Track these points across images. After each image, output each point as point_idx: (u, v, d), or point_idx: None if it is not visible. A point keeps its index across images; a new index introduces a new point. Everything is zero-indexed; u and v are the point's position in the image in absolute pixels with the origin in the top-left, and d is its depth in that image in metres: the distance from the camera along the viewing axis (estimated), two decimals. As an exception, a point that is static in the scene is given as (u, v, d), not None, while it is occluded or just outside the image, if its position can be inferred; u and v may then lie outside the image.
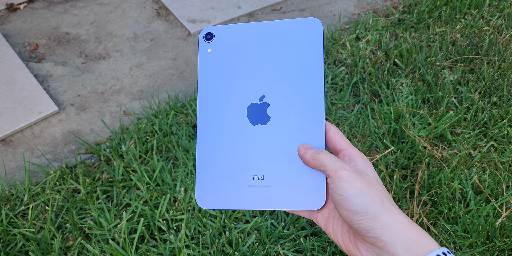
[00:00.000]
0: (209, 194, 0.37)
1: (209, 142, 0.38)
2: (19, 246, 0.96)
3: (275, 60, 0.38)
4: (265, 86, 0.38)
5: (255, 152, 0.37)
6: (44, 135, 1.27)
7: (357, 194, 0.31)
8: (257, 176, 0.37)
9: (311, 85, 0.37)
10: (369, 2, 1.75)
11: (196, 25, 1.62)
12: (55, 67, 1.47)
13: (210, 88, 0.39)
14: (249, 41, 0.39)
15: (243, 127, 0.38)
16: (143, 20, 1.66)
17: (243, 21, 1.66)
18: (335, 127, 0.37)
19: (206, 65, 0.39)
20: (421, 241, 0.30)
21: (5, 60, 1.45)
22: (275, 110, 0.37)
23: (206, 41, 0.40)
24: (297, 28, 0.38)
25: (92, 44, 1.56)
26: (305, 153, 0.35)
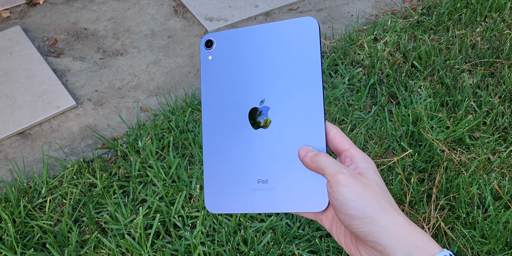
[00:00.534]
0: (217, 199, 0.39)
1: (214, 148, 0.39)
2: (36, 238, 0.97)
3: (273, 63, 0.39)
4: (264, 89, 0.39)
5: (258, 156, 0.38)
6: (61, 129, 1.29)
7: (353, 199, 0.30)
8: (261, 179, 0.37)
9: (310, 86, 0.37)
10: (387, 3, 1.73)
11: (213, 23, 1.63)
12: (73, 62, 1.48)
13: (213, 94, 0.40)
14: (248, 45, 0.40)
15: (245, 131, 0.39)
16: (161, 17, 1.67)
17: (260, 20, 1.66)
18: (336, 127, 0.36)
19: (208, 72, 0.41)
20: (421, 245, 0.29)
21: (24, 54, 1.47)
22: (275, 113, 0.38)
23: (207, 48, 0.41)
24: (294, 29, 0.38)
25: (110, 40, 1.58)
26: (305, 156, 0.35)
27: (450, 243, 0.95)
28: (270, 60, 0.39)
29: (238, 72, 0.40)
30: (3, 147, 1.24)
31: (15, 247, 0.94)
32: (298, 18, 0.39)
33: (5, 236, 0.96)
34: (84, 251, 0.95)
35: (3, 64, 1.43)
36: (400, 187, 1.05)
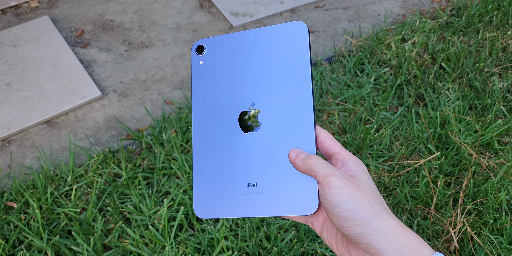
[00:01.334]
0: (206, 203, 0.38)
1: (203, 152, 0.39)
2: (62, 225, 0.98)
3: (263, 67, 0.39)
4: (255, 93, 0.39)
5: (247, 159, 0.38)
6: (87, 119, 1.30)
7: (346, 201, 0.30)
8: (251, 183, 0.37)
9: (299, 90, 0.37)
10: (415, 3, 1.70)
11: (238, 19, 1.62)
12: (99, 53, 1.50)
13: (204, 99, 0.40)
14: (239, 50, 0.40)
15: (235, 135, 0.38)
16: (186, 11, 1.67)
17: (285, 17, 1.65)
18: (326, 131, 0.36)
19: (199, 77, 0.41)
20: (414, 247, 0.29)
21: (52, 44, 1.49)
22: (265, 117, 0.38)
23: (198, 54, 0.42)
24: (284, 33, 0.39)
25: (136, 33, 1.58)
26: (296, 158, 0.34)
27: (476, 249, 0.94)
28: (261, 65, 0.39)
29: (229, 76, 0.40)
30: (30, 134, 1.26)
31: (42, 233, 0.95)
32: (288, 23, 0.39)
33: (32, 222, 0.97)
34: (108, 240, 0.96)
35: (32, 53, 1.45)
36: (426, 190, 1.04)
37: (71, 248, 0.96)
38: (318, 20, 1.63)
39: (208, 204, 0.38)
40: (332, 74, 1.36)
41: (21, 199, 1.03)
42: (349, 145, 1.13)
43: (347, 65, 1.37)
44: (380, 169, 1.10)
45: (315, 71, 1.35)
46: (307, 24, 1.62)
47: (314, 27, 1.61)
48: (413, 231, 0.31)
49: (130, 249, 0.94)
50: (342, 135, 1.18)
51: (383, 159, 1.11)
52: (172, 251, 0.92)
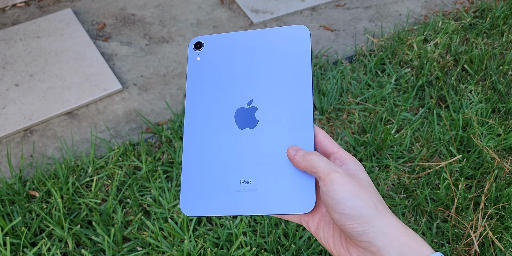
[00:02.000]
0: (195, 200, 0.36)
1: (195, 147, 0.37)
2: (82, 215, 0.99)
3: (263, 67, 0.38)
4: (253, 91, 0.38)
5: (242, 155, 0.36)
6: (107, 111, 1.31)
7: (349, 197, 0.30)
8: (245, 180, 0.35)
9: (299, 89, 0.37)
10: (437, 4, 1.68)
11: (259, 15, 1.62)
12: (120, 46, 1.51)
13: (198, 94, 0.39)
14: (238, 49, 0.39)
15: (230, 131, 0.37)
16: (207, 7, 1.67)
17: (305, 14, 1.64)
18: (324, 131, 0.36)
19: (195, 72, 0.39)
20: (415, 246, 0.29)
21: (75, 36, 1.50)
22: (263, 114, 0.37)
23: (196, 49, 0.40)
24: (285, 36, 0.39)
25: (156, 27, 1.59)
26: (295, 154, 0.34)
27: (497, 253, 0.92)
28: (260, 64, 0.38)
29: (226, 74, 0.39)
30: (52, 125, 1.27)
31: (63, 222, 0.96)
32: (290, 26, 0.39)
33: (54, 211, 0.99)
34: (128, 231, 0.97)
35: (54, 45, 1.47)
36: (447, 192, 1.03)
37: (91, 238, 0.97)
38: (338, 19, 1.62)
39: (197, 201, 0.36)
40: (352, 73, 1.35)
41: (43, 188, 1.05)
42: (369, 145, 1.12)
43: (368, 65, 1.36)
44: (400, 170, 1.09)
45: (335, 70, 1.34)
46: (328, 22, 1.61)
47: (335, 25, 1.60)
48: (413, 231, 0.30)
49: (149, 241, 0.94)
50: (362, 135, 1.17)
51: (403, 160, 1.11)
52: (190, 244, 0.92)
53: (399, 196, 1.04)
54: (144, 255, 0.94)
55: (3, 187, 1.04)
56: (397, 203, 1.02)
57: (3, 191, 1.03)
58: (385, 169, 1.09)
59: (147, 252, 0.94)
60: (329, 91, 1.27)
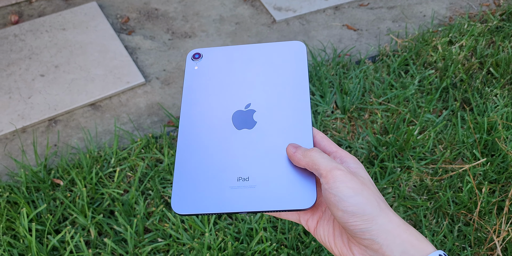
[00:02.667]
0: (187, 198, 0.34)
1: (189, 145, 0.37)
2: (105, 204, 1.01)
3: (261, 74, 0.39)
4: (251, 95, 0.38)
5: (239, 153, 0.36)
6: (129, 104, 1.33)
7: (352, 195, 0.30)
8: (242, 177, 0.35)
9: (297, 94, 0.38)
10: (463, 6, 1.66)
11: (281, 13, 1.62)
12: (143, 40, 1.52)
13: (195, 97, 0.39)
14: (236, 59, 0.40)
15: (227, 130, 0.37)
16: (230, 4, 1.68)
17: (328, 13, 1.63)
18: (321, 132, 0.36)
19: (192, 79, 0.40)
20: (417, 244, 0.29)
21: (99, 29, 1.52)
22: (261, 115, 0.37)
23: (194, 60, 0.41)
24: (282, 50, 0.40)
25: (179, 22, 1.60)
26: (296, 152, 0.33)
27: None
28: (258, 73, 0.39)
29: (224, 81, 0.39)
30: (76, 116, 1.29)
31: (86, 211, 0.98)
32: (287, 41, 0.41)
33: (78, 200, 1.00)
34: (149, 222, 0.98)
35: (79, 37, 1.49)
36: (470, 196, 1.01)
37: (113, 228, 0.98)
38: (361, 18, 1.61)
39: (190, 198, 0.34)
40: (375, 73, 1.34)
41: (67, 177, 1.07)
42: (391, 146, 1.12)
43: (391, 65, 1.35)
44: (422, 172, 1.08)
45: (358, 70, 1.33)
46: (351, 22, 1.60)
47: (358, 25, 1.59)
48: (414, 229, 0.30)
49: (169, 232, 0.95)
50: (384, 135, 1.17)
51: (425, 162, 1.10)
52: (211, 237, 0.93)
53: (421, 197, 1.03)
54: (165, 246, 0.95)
55: (28, 175, 1.06)
56: (419, 205, 1.01)
57: (28, 178, 1.05)
58: (406, 170, 1.09)
59: (168, 244, 0.95)
60: (351, 90, 1.26)
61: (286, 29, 1.58)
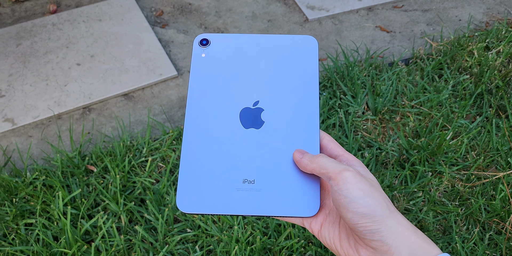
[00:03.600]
0: (192, 197, 0.35)
1: (196, 142, 0.36)
2: (136, 193, 1.03)
3: (270, 69, 0.38)
4: (259, 92, 0.37)
5: (246, 155, 0.35)
6: (161, 96, 1.35)
7: (363, 196, 0.30)
8: (248, 179, 0.35)
9: (306, 94, 0.37)
10: (500, 11, 1.63)
11: (314, 12, 1.62)
12: (177, 34, 1.54)
13: (202, 90, 0.38)
14: (246, 50, 0.39)
15: (234, 129, 0.36)
16: (262, 1, 1.68)
17: (362, 14, 1.62)
18: (329, 135, 0.36)
19: (199, 69, 0.39)
20: (424, 246, 0.29)
21: (134, 21, 1.55)
22: (269, 115, 0.36)
23: (201, 46, 0.39)
24: (294, 43, 0.39)
25: (212, 18, 1.62)
26: (303, 157, 0.34)
27: None
28: (267, 67, 0.38)
29: (233, 72, 0.38)
30: (109, 105, 1.32)
31: (118, 198, 1.00)
32: (299, 35, 0.40)
33: (110, 186, 1.03)
34: (179, 213, 0.99)
35: (115, 29, 1.52)
36: (503, 204, 1.00)
37: (143, 216, 1.00)
38: (395, 21, 1.60)
39: (195, 197, 0.34)
40: (408, 76, 1.33)
41: (100, 164, 1.09)
42: (422, 149, 1.10)
43: (425, 69, 1.33)
44: (454, 178, 1.07)
45: (391, 72, 1.32)
46: (384, 23, 1.59)
47: (391, 27, 1.57)
48: (422, 232, 0.31)
49: (198, 223, 0.97)
50: (416, 139, 1.16)
51: (457, 168, 1.08)
52: (239, 230, 0.94)
53: (452, 203, 1.02)
54: (193, 237, 0.96)
55: (64, 160, 1.09)
56: (450, 211, 1.00)
57: (64, 163, 1.08)
58: (438, 175, 1.07)
59: (196, 234, 0.96)
60: (383, 92, 1.25)
61: (318, 28, 1.57)
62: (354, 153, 1.12)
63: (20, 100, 1.31)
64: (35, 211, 0.99)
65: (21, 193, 1.01)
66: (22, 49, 1.46)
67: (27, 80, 1.36)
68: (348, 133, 1.17)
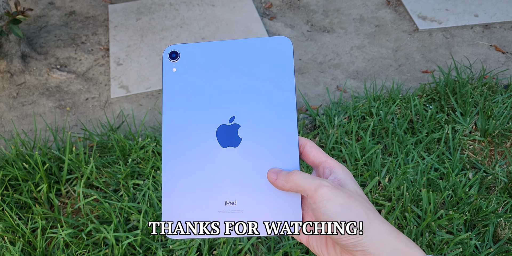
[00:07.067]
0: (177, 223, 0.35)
1: (176, 166, 0.36)
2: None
3: (244, 79, 0.37)
4: (234, 106, 0.36)
5: (226, 176, 0.35)
6: (263, 85, 1.39)
7: (340, 212, 0.30)
8: (229, 201, 0.35)
9: (283, 104, 0.36)
10: None
11: (425, 23, 1.57)
12: (284, 28, 1.57)
13: (176, 108, 0.37)
14: (217, 59, 0.37)
15: (212, 149, 0.36)
16: (372, 5, 1.67)
17: (477, 31, 1.55)
18: (311, 141, 0.36)
19: (172, 85, 0.37)
20: (407, 250, 0.30)
21: (245, 11, 1.60)
22: (246, 131, 0.36)
23: (171, 60, 0.38)
24: (267, 47, 0.37)
25: (319, 16, 1.63)
26: (277, 178, 0.33)
27: None
28: (241, 76, 0.37)
29: (206, 86, 0.37)
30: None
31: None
32: (272, 37, 0.37)
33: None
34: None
35: (226, 15, 1.58)
36: None
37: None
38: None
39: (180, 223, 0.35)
40: (524, 101, 1.25)
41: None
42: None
43: (545, 96, 1.25)
44: None
45: (506, 94, 1.25)
46: (500, 43, 1.51)
47: (507, 48, 1.49)
48: (405, 235, 0.31)
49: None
50: (527, 168, 1.09)
51: None
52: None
53: None
54: None
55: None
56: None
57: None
58: (549, 210, 1.00)
59: None
60: (495, 115, 1.19)
61: (428, 40, 1.53)
62: (457, 172, 1.08)
63: (135, 70, 1.41)
64: (144, 174, 1.06)
65: (133, 155, 1.09)
66: (141, 23, 1.56)
67: (142, 53, 1.46)
68: (453, 150, 1.13)
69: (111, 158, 1.09)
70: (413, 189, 0.99)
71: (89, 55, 1.46)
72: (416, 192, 1.00)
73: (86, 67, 1.42)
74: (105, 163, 1.08)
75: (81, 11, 1.62)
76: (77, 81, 1.38)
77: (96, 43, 1.50)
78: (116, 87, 1.36)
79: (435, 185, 1.05)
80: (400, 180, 1.02)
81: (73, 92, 1.35)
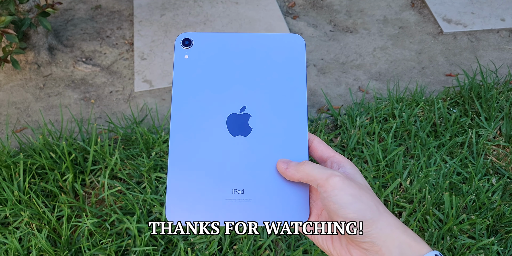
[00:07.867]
0: (182, 208, 0.34)
1: (183, 152, 0.35)
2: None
3: (256, 71, 0.37)
4: (246, 96, 0.36)
5: (235, 164, 0.35)
6: (284, 84, 1.39)
7: (352, 201, 0.30)
8: (237, 189, 0.35)
9: (294, 97, 0.36)
10: None
11: (450, 26, 1.56)
12: (307, 27, 1.57)
13: (187, 95, 0.36)
14: (230, 50, 0.37)
15: (222, 137, 0.36)
16: (396, 7, 1.65)
17: (503, 35, 1.53)
18: (318, 138, 0.36)
19: (183, 72, 0.37)
20: (414, 244, 0.30)
21: (268, 9, 1.61)
22: (257, 121, 0.36)
23: (184, 47, 0.37)
24: (280, 43, 0.38)
25: (342, 16, 1.62)
26: (287, 168, 0.34)
27: None
28: (253, 68, 0.37)
29: (218, 75, 0.37)
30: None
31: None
32: (285, 33, 0.38)
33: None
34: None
35: (249, 13, 1.59)
36: None
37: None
38: (540, 47, 1.49)
39: (185, 208, 0.34)
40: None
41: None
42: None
43: None
44: None
45: (532, 100, 1.24)
46: (527, 48, 1.49)
47: (534, 53, 1.47)
48: (411, 230, 0.31)
49: None
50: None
51: None
52: None
53: None
54: None
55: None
56: None
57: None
58: None
59: None
60: (521, 120, 1.18)
61: (452, 43, 1.51)
62: (480, 177, 1.07)
63: (159, 65, 1.42)
64: (166, 167, 1.08)
65: (156, 148, 1.11)
66: (165, 19, 1.58)
67: (166, 48, 1.47)
68: (476, 155, 1.12)
69: (135, 151, 1.11)
70: (435, 193, 0.99)
71: (114, 49, 1.48)
72: (438, 195, 0.99)
73: (111, 61, 1.44)
74: (129, 155, 1.10)
75: (106, 6, 1.65)
76: (101, 74, 1.40)
77: (120, 37, 1.52)
78: (139, 81, 1.38)
79: (457, 189, 1.04)
80: (422, 183, 1.02)
81: (98, 85, 1.37)
